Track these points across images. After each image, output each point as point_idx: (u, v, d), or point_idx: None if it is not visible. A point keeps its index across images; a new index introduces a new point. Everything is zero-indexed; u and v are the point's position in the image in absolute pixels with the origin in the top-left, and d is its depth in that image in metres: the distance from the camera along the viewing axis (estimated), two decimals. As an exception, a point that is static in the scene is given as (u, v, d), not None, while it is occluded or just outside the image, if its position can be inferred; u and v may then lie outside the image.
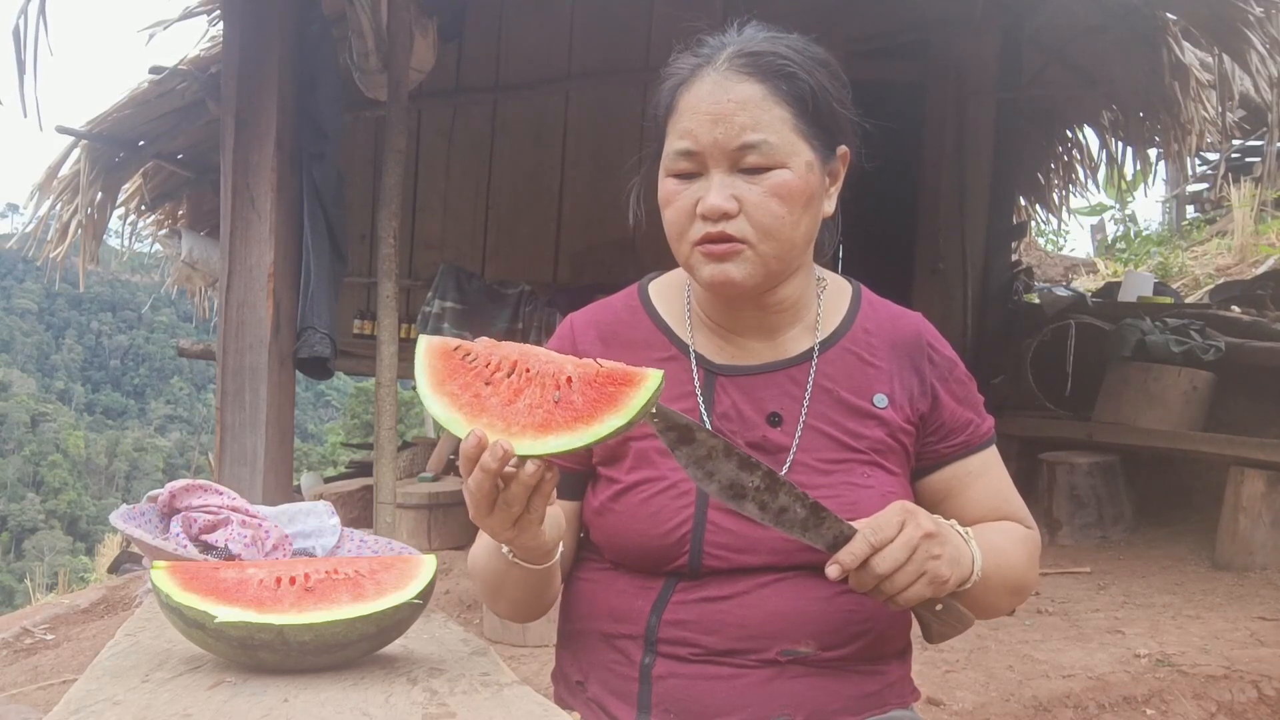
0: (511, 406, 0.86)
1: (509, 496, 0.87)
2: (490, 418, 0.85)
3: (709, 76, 1.03)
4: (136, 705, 0.83)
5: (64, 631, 4.23)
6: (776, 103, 1.02)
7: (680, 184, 1.05)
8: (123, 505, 1.27)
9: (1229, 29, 4.13)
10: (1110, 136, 6.32)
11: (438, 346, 0.90)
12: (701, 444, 0.93)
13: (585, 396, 0.86)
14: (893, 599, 0.96)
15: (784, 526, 0.97)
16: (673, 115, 1.06)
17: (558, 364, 0.89)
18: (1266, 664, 2.81)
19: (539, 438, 0.84)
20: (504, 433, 0.84)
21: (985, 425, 1.17)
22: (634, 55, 5.70)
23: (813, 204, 1.06)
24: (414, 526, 4.77)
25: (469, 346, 0.91)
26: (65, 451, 37.15)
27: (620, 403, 0.85)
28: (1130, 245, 9.59)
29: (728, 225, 1.02)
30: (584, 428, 0.84)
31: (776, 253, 1.04)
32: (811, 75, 1.04)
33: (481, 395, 0.87)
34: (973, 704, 2.65)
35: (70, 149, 4.76)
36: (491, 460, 0.84)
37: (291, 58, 3.49)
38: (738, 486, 0.95)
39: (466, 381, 0.88)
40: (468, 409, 0.86)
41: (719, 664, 1.06)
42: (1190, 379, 4.47)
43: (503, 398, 0.87)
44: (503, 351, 0.90)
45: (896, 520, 0.96)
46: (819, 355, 1.13)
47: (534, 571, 1.03)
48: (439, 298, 5.00)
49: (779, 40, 1.06)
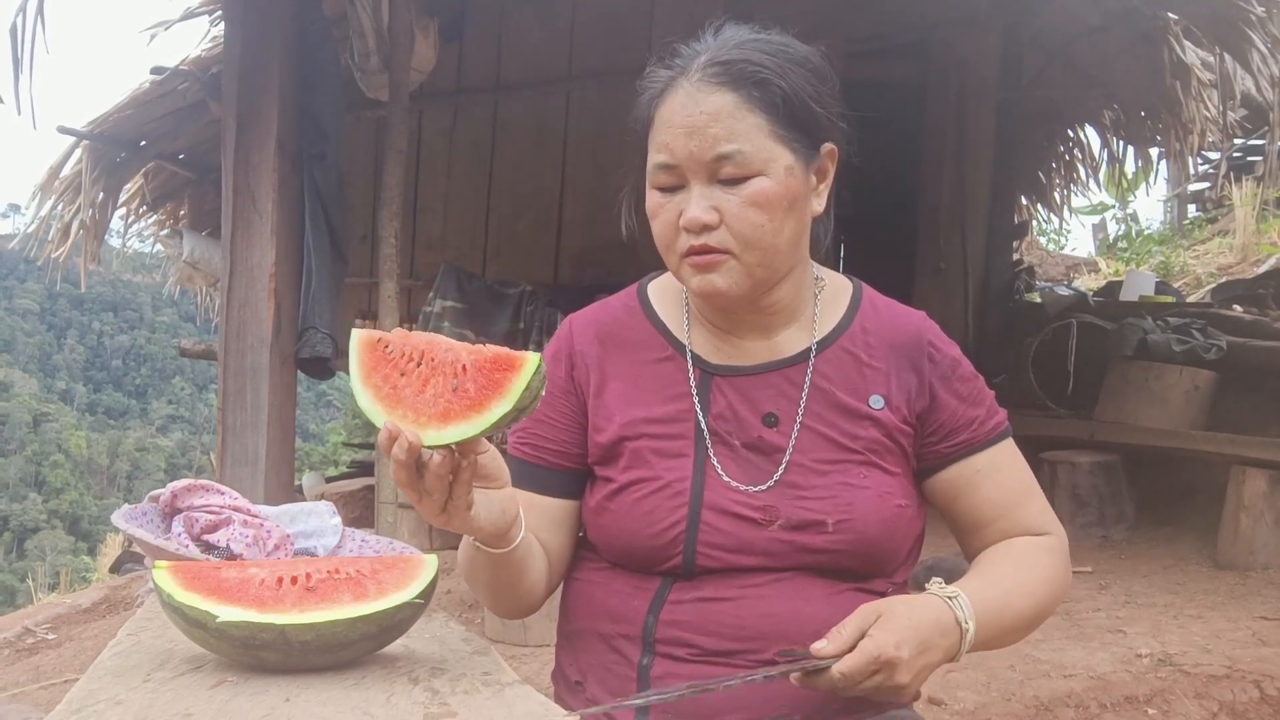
0: (421, 396, 0.88)
1: (426, 486, 0.88)
2: (404, 409, 0.88)
3: (682, 88, 1.03)
4: (138, 705, 0.84)
5: (66, 631, 4.24)
6: (750, 110, 1.01)
7: (664, 196, 1.06)
8: (124, 505, 1.27)
9: (1230, 28, 4.13)
10: (1112, 136, 6.33)
11: (365, 339, 0.93)
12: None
13: (478, 384, 0.88)
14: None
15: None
16: (651, 128, 1.07)
17: (455, 352, 0.90)
18: (1269, 663, 2.80)
19: (441, 428, 0.86)
20: (414, 423, 0.87)
21: (992, 421, 1.15)
22: (635, 55, 5.63)
23: (796, 207, 1.05)
24: (415, 526, 4.77)
25: (388, 338, 0.93)
26: (67, 451, 37.16)
27: (505, 389, 0.87)
28: (1132, 244, 9.59)
29: (709, 237, 1.03)
30: (477, 416, 0.86)
31: (761, 261, 1.04)
32: (785, 78, 1.03)
33: (398, 386, 0.89)
34: (974, 704, 2.65)
35: (72, 149, 4.76)
36: (400, 452, 0.85)
37: (292, 58, 3.49)
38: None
39: (386, 373, 0.90)
40: (386, 400, 0.89)
41: (716, 664, 1.06)
42: (1192, 378, 4.47)
43: (414, 388, 0.89)
44: (413, 342, 0.92)
45: (869, 669, 0.95)
46: (816, 355, 1.13)
47: (496, 557, 1.02)
48: (440, 298, 5.00)
49: (752, 44, 1.05)
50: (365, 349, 0.92)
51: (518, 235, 6.09)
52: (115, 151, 4.80)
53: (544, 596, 1.15)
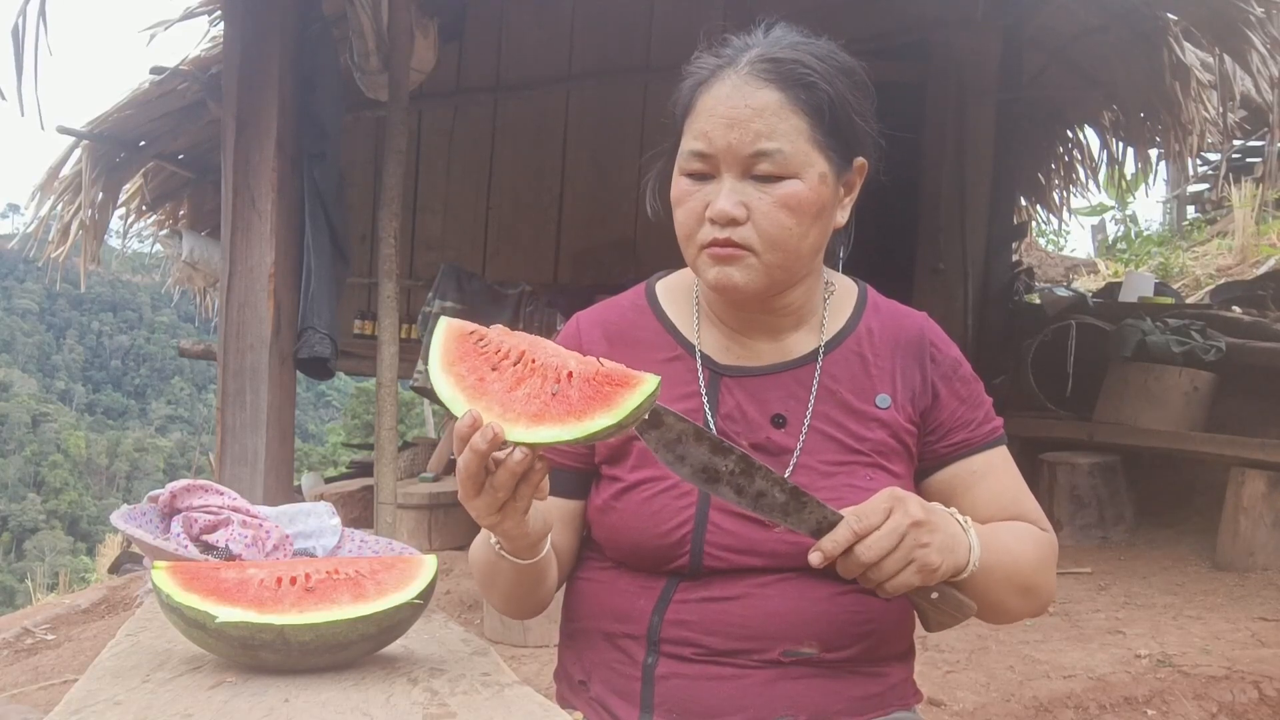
0: (511, 394, 0.87)
1: (496, 481, 0.87)
2: (489, 401, 0.87)
3: (729, 79, 1.03)
4: (137, 705, 0.83)
5: (65, 631, 4.23)
6: (794, 112, 1.01)
7: (693, 184, 1.05)
8: (123, 505, 1.27)
9: (1230, 29, 4.13)
10: (1111, 137, 6.32)
11: (455, 329, 0.92)
12: (670, 427, 0.92)
13: (582, 393, 0.87)
14: (881, 586, 0.95)
15: (763, 511, 0.95)
16: (690, 114, 1.06)
17: (562, 358, 0.90)
18: (1267, 664, 2.81)
19: (531, 427, 0.85)
20: (499, 417, 0.85)
21: (990, 425, 1.15)
22: (634, 55, 5.70)
23: (823, 215, 1.05)
24: (414, 527, 4.77)
25: (484, 332, 0.92)
26: (66, 452, 37.15)
27: (614, 403, 0.86)
28: (1131, 245, 9.59)
29: (734, 232, 1.02)
30: (575, 423, 0.85)
31: (781, 262, 1.04)
32: (832, 85, 1.02)
33: (486, 379, 0.88)
34: (973, 704, 2.65)
35: (71, 149, 4.76)
36: (481, 441, 0.84)
37: (292, 58, 3.49)
38: (710, 470, 0.93)
39: (474, 365, 0.89)
40: (470, 391, 0.87)
41: (721, 664, 1.06)
42: (1191, 379, 4.47)
43: (505, 384, 0.88)
44: (513, 340, 0.91)
45: (884, 507, 0.94)
46: (824, 356, 1.13)
47: (520, 566, 1.03)
48: (439, 298, 5.01)
49: (803, 47, 1.04)
50: (454, 338, 0.91)
51: (518, 235, 6.09)
52: (115, 151, 4.80)
53: (552, 597, 1.15)
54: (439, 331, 0.91)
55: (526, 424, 0.85)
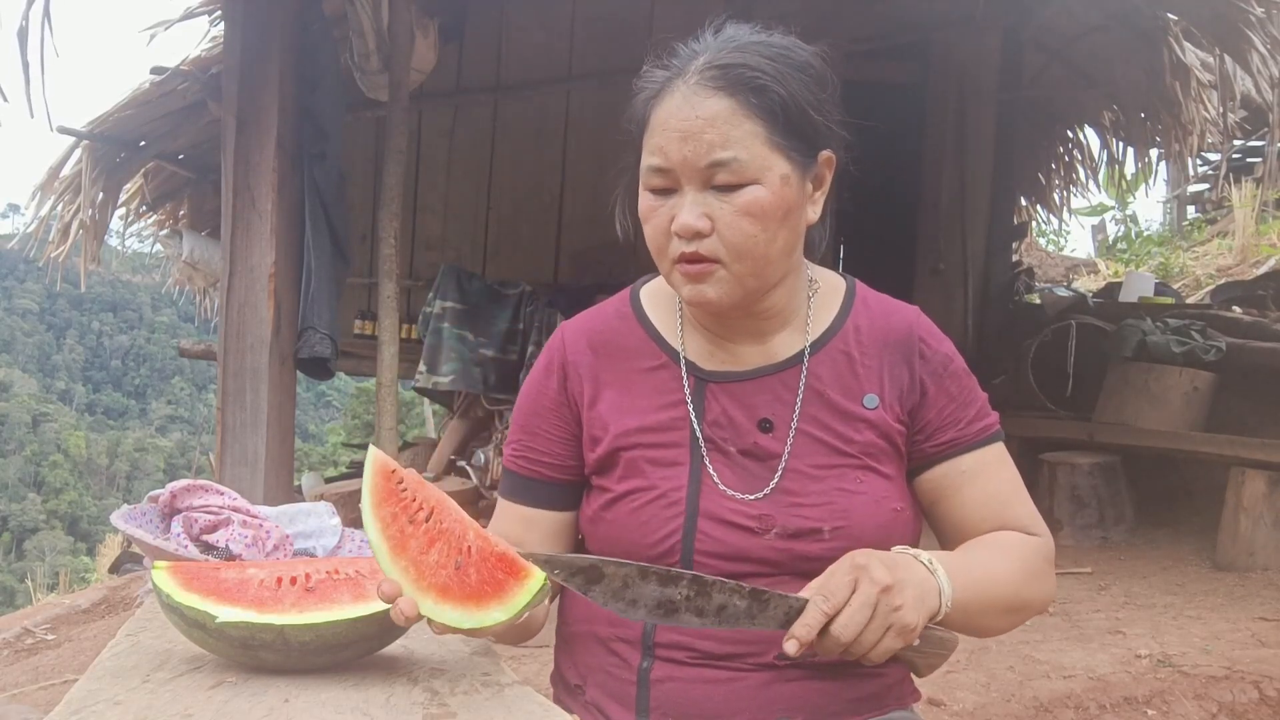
0: (425, 556, 0.90)
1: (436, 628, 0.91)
2: (408, 561, 0.90)
3: (678, 91, 1.01)
4: (137, 705, 0.84)
5: (65, 632, 4.23)
6: (746, 117, 0.99)
7: (657, 199, 1.04)
8: (124, 505, 1.27)
9: (1230, 29, 4.13)
10: (1111, 137, 6.33)
11: (379, 465, 0.94)
12: (613, 576, 0.90)
13: (479, 574, 0.89)
14: (865, 657, 0.93)
15: (729, 623, 0.93)
16: (646, 130, 1.04)
17: (463, 527, 0.91)
18: (1268, 664, 2.81)
19: (439, 602, 0.88)
20: (415, 582, 0.89)
21: (981, 423, 1.12)
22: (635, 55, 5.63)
23: (790, 217, 1.03)
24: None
25: (402, 474, 0.94)
26: (66, 452, 37.14)
27: (506, 596, 0.88)
28: (1131, 245, 9.58)
29: (700, 244, 1.01)
30: (474, 609, 0.88)
31: (752, 270, 1.03)
32: (784, 84, 1.00)
33: (405, 532, 0.91)
34: (973, 704, 2.65)
35: (72, 149, 4.76)
36: (399, 617, 0.88)
37: (292, 58, 3.49)
38: (666, 603, 0.91)
39: (395, 512, 0.92)
40: (393, 542, 0.90)
41: (716, 667, 1.06)
42: (1191, 379, 4.47)
43: (420, 544, 0.90)
44: (425, 494, 0.93)
45: (848, 580, 0.91)
46: (809, 357, 1.11)
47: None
48: (440, 298, 5.00)
49: (753, 47, 1.02)
50: (380, 474, 0.93)
51: (518, 235, 6.09)
52: (115, 151, 4.80)
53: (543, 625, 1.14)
54: (369, 463, 0.93)
55: (435, 597, 0.88)
